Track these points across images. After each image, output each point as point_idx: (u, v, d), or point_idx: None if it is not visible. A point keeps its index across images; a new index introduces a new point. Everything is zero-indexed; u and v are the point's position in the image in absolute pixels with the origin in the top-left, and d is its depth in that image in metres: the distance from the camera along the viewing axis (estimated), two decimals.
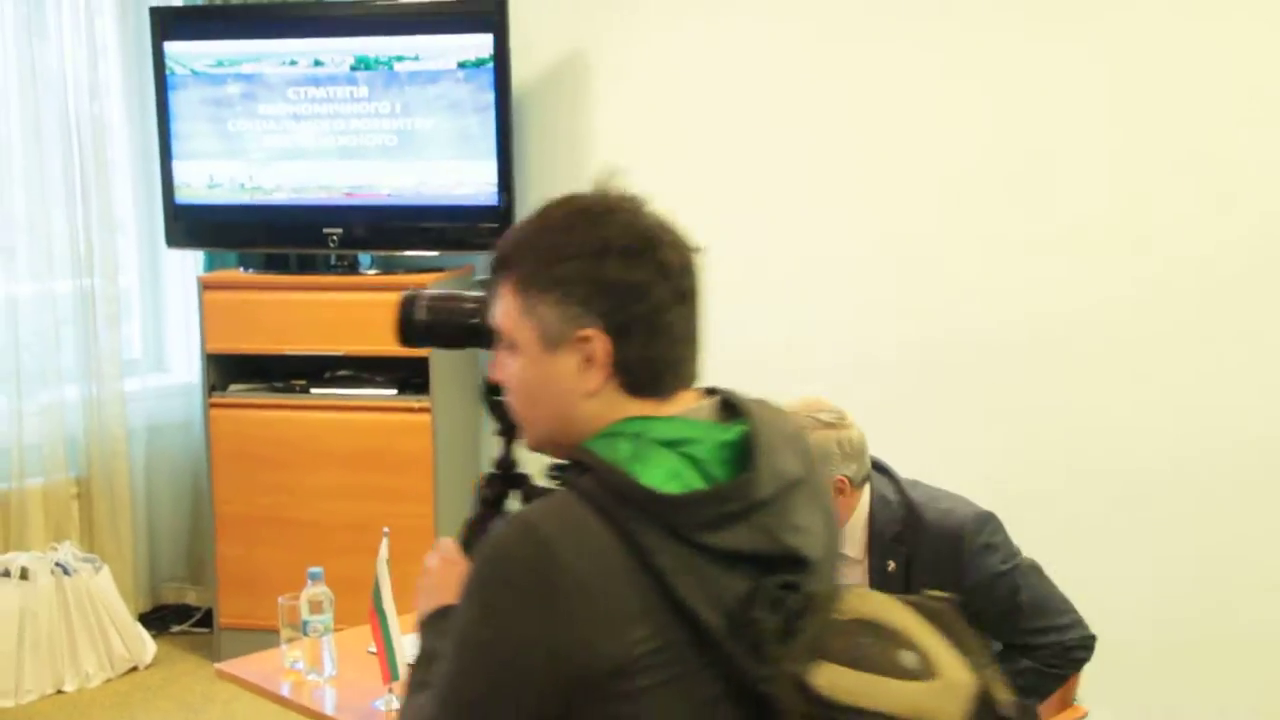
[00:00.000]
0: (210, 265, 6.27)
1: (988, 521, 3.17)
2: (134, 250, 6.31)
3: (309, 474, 5.92)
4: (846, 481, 3.16)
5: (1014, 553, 3.18)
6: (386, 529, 3.34)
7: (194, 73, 5.98)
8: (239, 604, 5.95)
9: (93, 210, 5.96)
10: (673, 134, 5.54)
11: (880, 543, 3.18)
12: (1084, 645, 3.17)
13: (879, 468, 3.29)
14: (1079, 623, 3.17)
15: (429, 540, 5.88)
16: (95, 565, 5.74)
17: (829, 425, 3.15)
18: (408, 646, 3.41)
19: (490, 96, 5.74)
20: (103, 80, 6.02)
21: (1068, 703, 3.48)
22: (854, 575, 3.23)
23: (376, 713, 3.26)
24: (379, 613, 3.29)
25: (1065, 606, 3.19)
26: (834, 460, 3.13)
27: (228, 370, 6.05)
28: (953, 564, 3.12)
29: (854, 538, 3.20)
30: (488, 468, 2.12)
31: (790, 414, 1.93)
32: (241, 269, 6.20)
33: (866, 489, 3.22)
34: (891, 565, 3.17)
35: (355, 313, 5.87)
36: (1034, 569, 3.19)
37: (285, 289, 5.95)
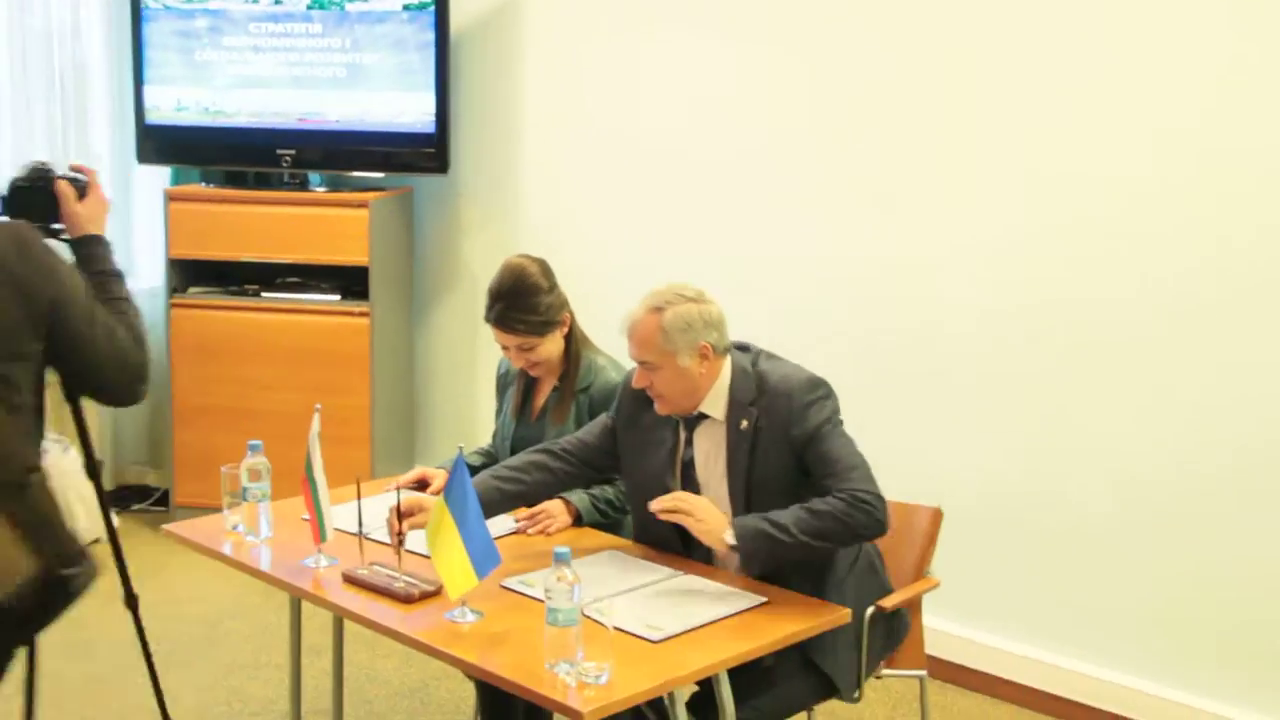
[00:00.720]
0: (176, 180, 6.11)
1: (818, 386, 3.17)
2: (108, 167, 6.19)
3: (259, 368, 5.82)
4: (709, 348, 3.17)
5: (835, 417, 3.16)
6: (318, 406, 3.26)
7: (166, 7, 5.80)
8: (193, 485, 5.86)
9: (71, 133, 5.88)
10: (594, 80, 5.47)
11: (737, 406, 3.19)
12: (868, 501, 3.04)
13: (742, 348, 3.29)
14: (871, 480, 3.09)
15: (364, 427, 5.87)
16: (64, 446, 5.64)
17: (691, 300, 3.16)
18: (336, 513, 3.41)
19: (431, 36, 5.62)
20: (84, 18, 5.89)
21: (921, 573, 3.49)
22: (716, 433, 3.23)
23: (306, 569, 3.20)
24: (310, 481, 3.22)
25: (864, 466, 3.11)
26: (697, 328, 3.14)
27: (189, 274, 5.93)
28: (786, 417, 3.13)
29: (717, 401, 3.21)
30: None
31: None
32: (204, 184, 6.06)
33: (728, 362, 3.23)
34: (744, 423, 3.17)
35: (304, 225, 5.76)
36: (846, 435, 3.16)
37: (242, 202, 5.82)
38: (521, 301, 3.63)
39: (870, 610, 3.24)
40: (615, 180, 5.45)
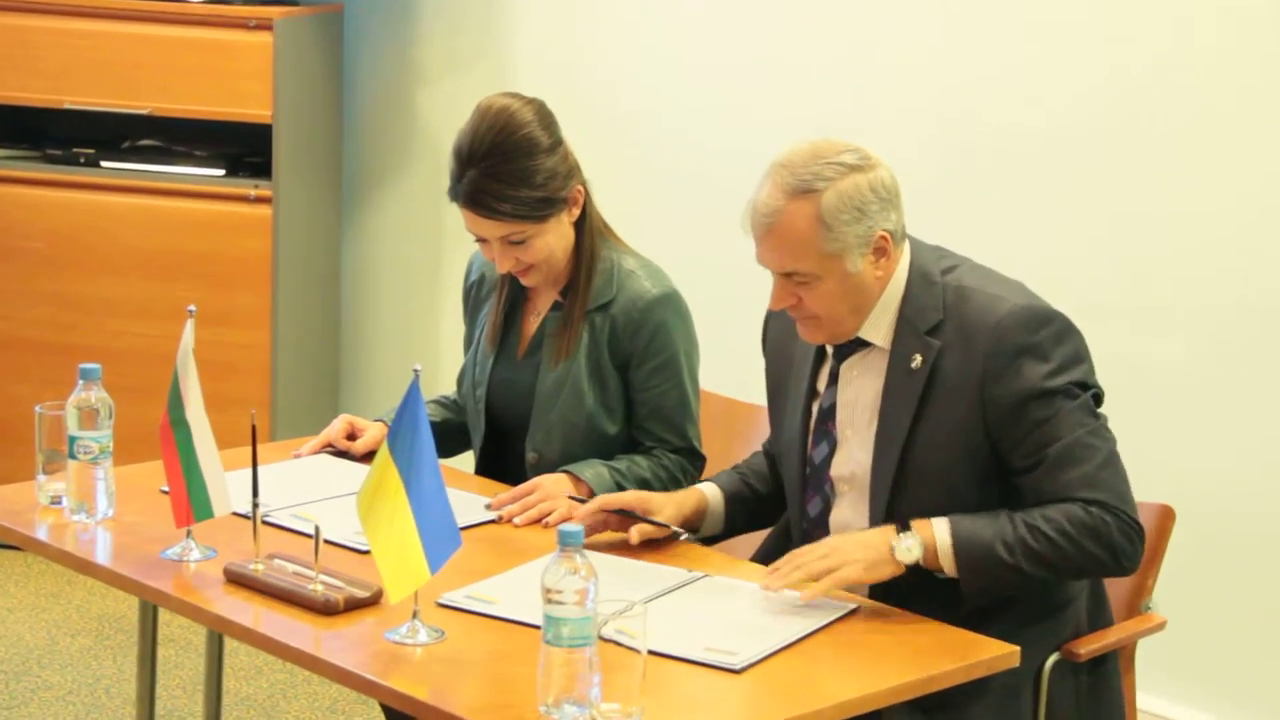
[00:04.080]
0: None
1: (1046, 319, 3.24)
2: None
3: (95, 283, 5.96)
4: (889, 238, 3.27)
5: (1074, 374, 3.24)
6: (192, 308, 3.35)
7: None
8: None
9: None
10: None
11: (908, 331, 3.30)
12: (1126, 524, 3.20)
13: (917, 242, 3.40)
14: (1126, 489, 3.23)
15: (261, 376, 5.97)
16: None
17: (856, 168, 3.24)
18: (237, 484, 3.42)
19: None
20: None
21: (1137, 607, 3.58)
22: (873, 368, 3.35)
23: (167, 564, 3.31)
24: (176, 426, 3.33)
25: (1115, 464, 3.25)
26: (872, 211, 3.23)
27: None
28: (984, 363, 3.22)
29: (882, 320, 3.33)
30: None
31: None
32: None
33: (906, 256, 3.34)
34: (918, 360, 3.28)
35: (171, 54, 5.87)
36: (1091, 411, 3.25)
37: (68, 14, 5.91)
38: (508, 165, 3.71)
39: (1054, 656, 3.35)
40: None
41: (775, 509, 3.66)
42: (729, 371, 4.13)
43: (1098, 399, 3.29)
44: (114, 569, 3.36)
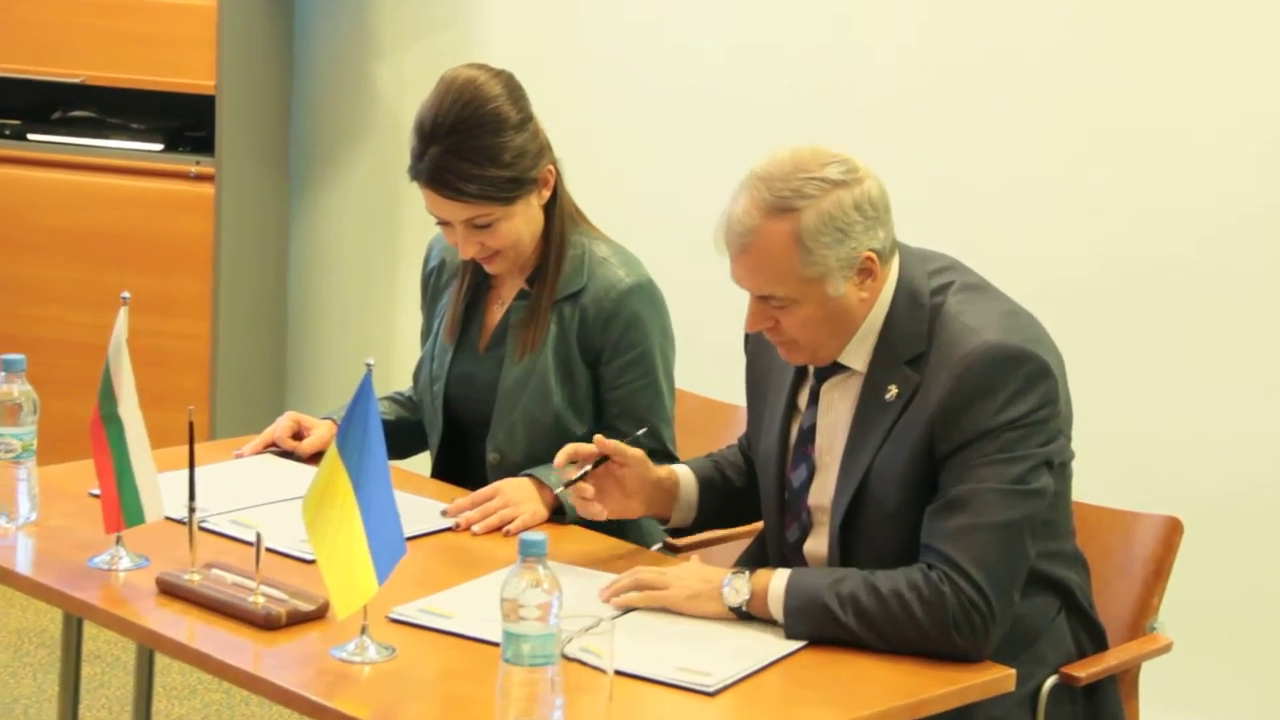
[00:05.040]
0: None
1: (1017, 362, 3.16)
2: None
3: (19, 266, 5.98)
4: (875, 258, 3.21)
5: (1028, 431, 3.15)
6: (126, 294, 3.32)
7: None
8: None
9: None
10: None
11: (887, 357, 3.26)
12: (970, 602, 3.07)
13: (922, 257, 3.36)
14: (996, 572, 3.10)
15: (203, 374, 5.96)
16: None
17: (840, 184, 3.18)
18: (172, 486, 3.37)
19: None
20: None
21: (1141, 627, 3.57)
22: (854, 391, 3.31)
23: (94, 573, 3.29)
24: (108, 423, 3.30)
25: (999, 547, 3.11)
26: (855, 232, 3.18)
27: None
28: (938, 401, 3.18)
29: (863, 344, 3.29)
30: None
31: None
32: None
33: (894, 273, 3.29)
34: (893, 391, 3.23)
35: (107, 18, 5.86)
36: (1031, 480, 3.15)
37: None
38: (474, 142, 3.70)
39: (1052, 679, 3.33)
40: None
41: (750, 507, 3.62)
42: (706, 368, 4.13)
43: (1050, 463, 3.19)
44: (35, 578, 3.33)
